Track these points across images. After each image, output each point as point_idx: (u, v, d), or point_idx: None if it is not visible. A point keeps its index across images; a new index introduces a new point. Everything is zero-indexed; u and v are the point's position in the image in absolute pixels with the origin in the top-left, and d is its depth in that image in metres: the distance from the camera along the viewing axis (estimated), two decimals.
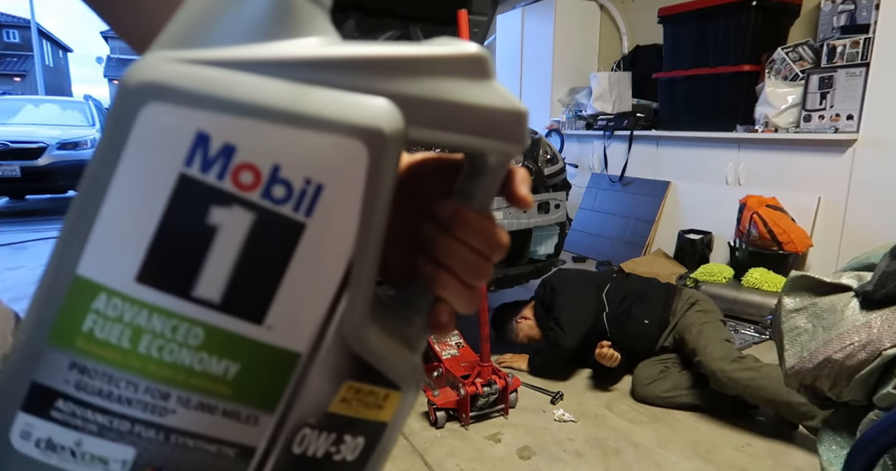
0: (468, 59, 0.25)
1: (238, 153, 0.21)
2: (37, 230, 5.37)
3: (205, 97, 0.21)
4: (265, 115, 0.21)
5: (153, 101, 0.21)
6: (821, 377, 1.29)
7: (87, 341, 0.23)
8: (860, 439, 0.99)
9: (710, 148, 3.71)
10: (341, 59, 0.23)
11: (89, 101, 7.50)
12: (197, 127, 0.21)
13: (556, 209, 2.57)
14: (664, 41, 4.02)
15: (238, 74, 0.21)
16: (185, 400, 0.24)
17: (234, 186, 0.22)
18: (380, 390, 0.27)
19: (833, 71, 3.02)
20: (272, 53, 0.22)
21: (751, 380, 1.85)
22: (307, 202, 0.22)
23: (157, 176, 0.21)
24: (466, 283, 0.28)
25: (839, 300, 1.31)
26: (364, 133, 0.22)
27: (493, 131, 0.25)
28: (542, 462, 1.81)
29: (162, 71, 0.21)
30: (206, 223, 0.22)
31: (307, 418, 0.25)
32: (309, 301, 0.24)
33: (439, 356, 2.20)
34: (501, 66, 5.73)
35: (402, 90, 0.23)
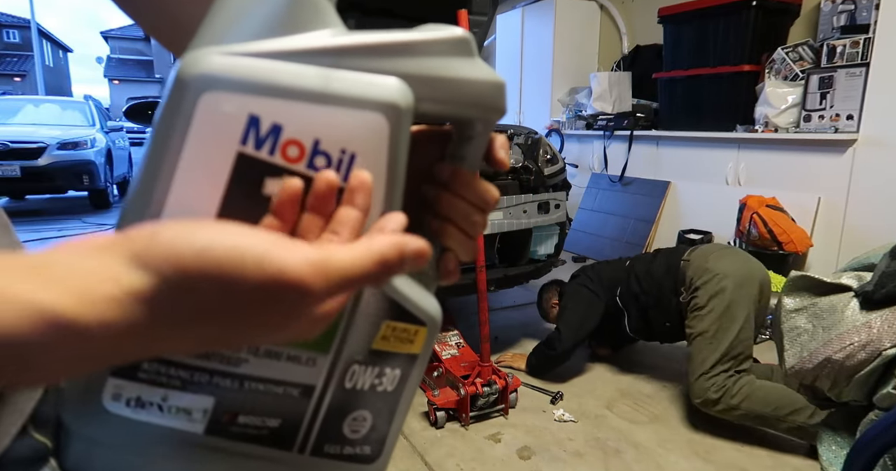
0: (457, 41, 0.29)
1: (284, 131, 0.25)
2: (37, 230, 5.36)
3: (253, 84, 0.24)
4: (303, 97, 0.25)
5: (210, 91, 0.24)
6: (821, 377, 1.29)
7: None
8: (860, 439, 1.00)
9: (710, 148, 3.71)
10: (357, 46, 0.27)
11: (89, 101, 7.50)
12: (249, 111, 0.25)
13: (556, 209, 2.57)
14: (664, 41, 4.02)
15: (276, 63, 0.25)
16: (255, 349, 0.28)
17: (283, 160, 0.25)
18: (410, 326, 0.31)
19: (833, 71, 3.02)
20: (299, 44, 0.26)
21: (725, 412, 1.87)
22: (344, 169, 0.26)
23: (218, 156, 0.25)
24: (467, 233, 0.33)
25: (839, 300, 1.31)
26: (384, 107, 0.26)
27: (479, 100, 0.30)
28: (542, 462, 1.81)
29: (213, 63, 0.24)
30: (262, 193, 0.25)
31: (356, 356, 0.30)
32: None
33: (439, 356, 2.20)
34: (501, 66, 5.73)
35: (407, 69, 0.27)
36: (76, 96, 12.11)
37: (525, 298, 3.44)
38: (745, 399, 1.80)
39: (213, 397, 0.28)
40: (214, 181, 0.25)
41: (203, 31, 0.26)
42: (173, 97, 0.24)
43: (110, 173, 6.84)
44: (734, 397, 1.81)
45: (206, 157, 0.25)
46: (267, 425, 0.29)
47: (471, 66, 0.29)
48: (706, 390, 1.85)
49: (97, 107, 7.56)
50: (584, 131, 4.71)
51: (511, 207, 2.39)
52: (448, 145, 0.34)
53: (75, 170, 6.04)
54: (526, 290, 3.46)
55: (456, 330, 2.38)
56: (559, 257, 2.78)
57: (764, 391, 1.80)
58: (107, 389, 0.27)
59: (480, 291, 2.05)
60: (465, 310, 3.00)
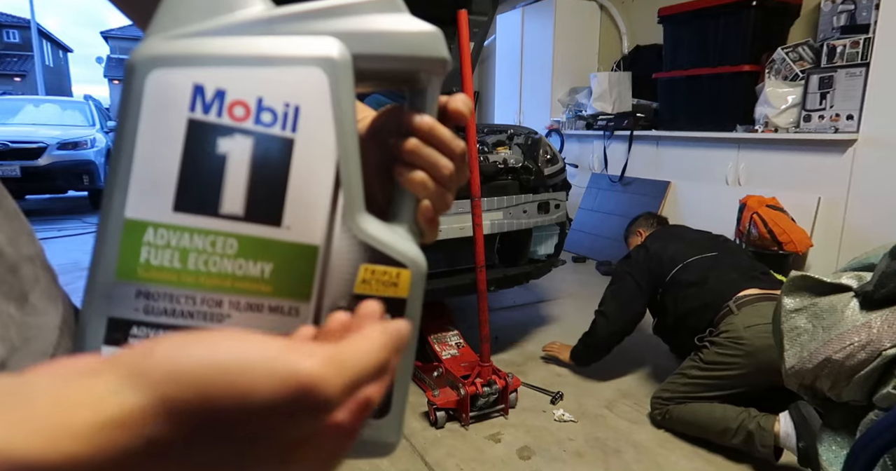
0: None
1: (228, 94, 0.27)
2: (37, 230, 5.32)
3: (193, 57, 0.27)
4: (242, 62, 0.28)
5: (156, 69, 0.27)
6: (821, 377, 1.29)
7: (146, 270, 0.28)
8: (860, 439, 0.99)
9: (710, 148, 3.71)
10: (287, 14, 0.29)
11: (89, 101, 7.50)
12: (193, 81, 0.27)
13: (556, 209, 2.57)
14: (664, 41, 4.02)
15: (214, 38, 0.28)
16: (236, 303, 0.29)
17: (231, 120, 0.28)
18: (392, 269, 0.31)
19: (833, 71, 3.02)
20: (234, 19, 0.29)
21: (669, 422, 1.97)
22: (291, 121, 0.28)
23: (171, 125, 0.27)
24: (436, 178, 0.34)
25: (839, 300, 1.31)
26: (320, 61, 0.28)
27: (416, 51, 0.31)
28: (542, 462, 1.81)
29: (157, 46, 0.27)
30: (217, 153, 0.28)
31: (339, 301, 0.30)
32: (314, 200, 0.29)
33: (439, 356, 2.20)
34: (501, 66, 5.73)
35: (340, 28, 0.30)
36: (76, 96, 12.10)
37: (525, 299, 3.44)
38: (677, 423, 1.94)
39: None
40: (171, 148, 0.27)
41: (152, 24, 0.29)
42: (126, 82, 0.27)
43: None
44: (670, 421, 1.95)
45: (161, 126, 0.27)
46: None
47: (401, 20, 0.31)
48: (654, 411, 2.01)
49: (97, 107, 7.56)
50: (584, 131, 4.71)
51: (511, 207, 2.39)
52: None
53: (75, 170, 6.03)
54: (526, 290, 3.46)
55: (456, 330, 2.38)
56: (559, 257, 2.78)
57: (688, 415, 1.90)
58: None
59: (480, 291, 2.05)
60: (465, 310, 3.00)
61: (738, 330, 1.83)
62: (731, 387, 1.86)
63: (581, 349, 2.32)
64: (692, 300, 2.01)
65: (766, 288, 1.95)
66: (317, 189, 0.29)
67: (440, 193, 0.34)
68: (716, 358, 1.86)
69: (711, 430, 1.84)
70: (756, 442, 1.74)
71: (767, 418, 1.75)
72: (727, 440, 1.81)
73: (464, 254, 2.24)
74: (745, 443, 1.77)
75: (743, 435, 1.77)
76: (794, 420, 1.68)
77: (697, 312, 1.99)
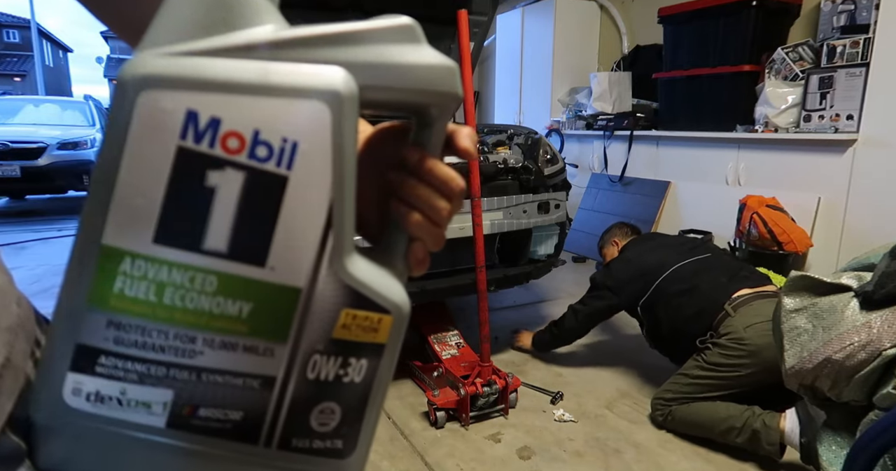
0: (401, 28, 0.29)
1: (223, 124, 0.25)
2: (37, 230, 5.36)
3: (189, 81, 0.25)
4: (240, 90, 0.25)
5: (147, 90, 0.25)
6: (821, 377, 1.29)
7: (120, 300, 0.26)
8: (860, 439, 0.99)
9: (710, 148, 3.71)
10: (296, 38, 0.27)
11: (89, 102, 7.49)
12: (186, 106, 0.25)
13: (556, 209, 2.57)
14: (664, 41, 4.02)
15: (213, 60, 0.26)
16: (210, 341, 0.27)
17: (223, 152, 0.26)
18: (373, 315, 0.30)
19: (833, 71, 3.02)
20: (238, 40, 0.26)
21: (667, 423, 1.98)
22: (287, 157, 0.26)
23: (158, 151, 0.25)
24: (432, 219, 0.33)
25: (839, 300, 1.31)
26: (324, 95, 0.26)
27: (430, 85, 0.30)
28: (542, 462, 1.81)
29: (151, 64, 0.25)
30: (205, 185, 0.26)
31: (316, 345, 0.29)
32: (301, 242, 0.28)
33: (439, 356, 2.20)
34: (501, 66, 5.73)
35: (351, 58, 0.28)
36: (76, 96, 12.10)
37: (525, 299, 3.44)
38: (679, 424, 1.93)
39: (171, 389, 0.28)
40: (157, 175, 0.25)
41: (147, 35, 0.27)
42: (116, 99, 0.25)
43: None
44: (672, 421, 1.94)
45: (148, 152, 0.25)
46: (230, 418, 0.29)
47: (417, 52, 0.29)
48: (655, 412, 2.00)
49: (97, 107, 7.55)
50: (584, 131, 4.71)
51: (511, 207, 2.39)
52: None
53: (75, 170, 6.03)
54: (526, 290, 3.46)
55: (456, 330, 2.38)
56: (559, 257, 2.78)
57: (692, 415, 1.89)
58: (66, 384, 0.27)
59: (480, 291, 2.05)
60: (465, 310, 3.00)
61: (738, 331, 1.83)
62: (735, 387, 1.86)
63: (547, 337, 2.48)
64: (686, 308, 2.00)
65: (756, 286, 1.97)
66: (306, 230, 0.28)
67: (435, 233, 0.34)
68: (719, 359, 1.86)
69: (716, 429, 1.84)
70: (762, 440, 1.73)
71: (772, 415, 1.75)
72: (731, 439, 1.80)
73: (464, 254, 2.24)
74: (750, 441, 1.77)
75: (748, 434, 1.76)
76: (800, 418, 1.68)
77: (693, 320, 1.98)
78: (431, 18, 2.73)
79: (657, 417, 1.99)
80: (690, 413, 1.90)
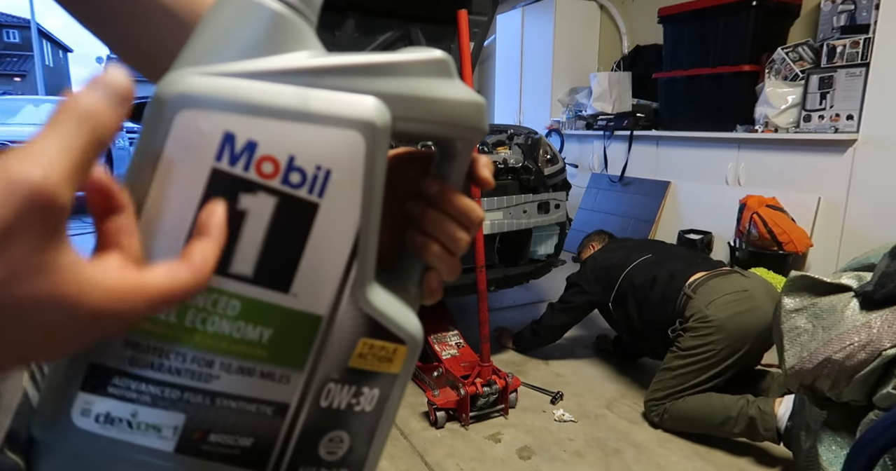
0: (435, 62, 0.30)
1: (259, 148, 0.25)
2: None
3: (228, 103, 0.25)
4: (279, 115, 0.25)
5: (186, 109, 0.25)
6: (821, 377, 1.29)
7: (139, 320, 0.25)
8: (860, 439, 1.00)
9: (710, 148, 3.71)
10: (334, 67, 0.27)
11: None
12: (224, 128, 0.25)
13: (556, 209, 2.57)
14: (664, 41, 4.02)
15: (252, 82, 0.26)
16: (227, 365, 0.27)
17: (257, 176, 0.25)
18: (389, 345, 0.31)
19: (833, 71, 3.02)
20: (277, 64, 0.26)
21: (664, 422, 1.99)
22: (319, 185, 0.26)
23: (193, 171, 0.25)
24: (450, 251, 0.33)
25: (839, 300, 1.31)
26: (360, 125, 0.26)
27: (459, 120, 0.30)
28: (542, 462, 1.81)
29: (191, 83, 0.25)
30: (236, 208, 0.26)
31: (331, 374, 0.29)
32: (326, 270, 0.28)
33: (439, 356, 2.20)
34: (501, 66, 5.73)
35: (385, 89, 0.28)
36: None
37: (525, 298, 3.44)
38: (675, 422, 1.94)
39: (183, 413, 0.27)
40: (189, 195, 0.25)
41: (184, 53, 0.27)
42: (151, 115, 0.25)
43: (110, 173, 6.84)
44: (668, 420, 1.95)
45: (181, 172, 0.25)
46: (239, 445, 0.29)
47: (449, 87, 0.30)
48: (650, 413, 2.01)
49: None
50: (584, 131, 4.71)
51: (511, 207, 2.39)
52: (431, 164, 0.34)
53: None
54: (526, 290, 3.46)
55: (456, 330, 2.38)
56: (559, 257, 2.78)
57: (686, 410, 1.90)
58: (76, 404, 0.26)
59: (480, 291, 2.05)
60: (465, 310, 3.00)
61: (701, 310, 1.90)
62: (717, 366, 1.87)
63: (528, 335, 2.52)
64: (651, 297, 2.08)
65: (710, 269, 2.05)
66: (332, 258, 0.28)
67: (452, 263, 0.34)
68: (692, 343, 1.90)
69: (712, 422, 1.84)
70: (759, 426, 1.74)
71: (766, 401, 1.77)
72: (729, 430, 1.81)
73: (464, 254, 2.24)
74: (747, 429, 1.78)
75: (745, 422, 1.77)
76: (794, 404, 1.69)
77: (659, 307, 2.05)
78: (431, 18, 2.73)
79: (653, 418, 1.99)
80: (684, 409, 1.90)
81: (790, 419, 1.67)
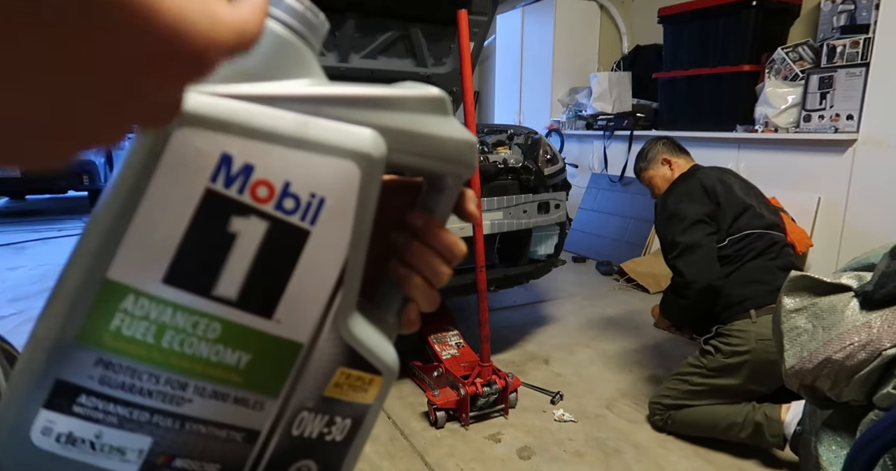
0: (432, 100, 0.30)
1: (256, 171, 0.25)
2: (37, 230, 5.36)
3: (228, 124, 0.25)
4: (278, 140, 0.25)
5: (185, 127, 0.24)
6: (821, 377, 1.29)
7: (115, 339, 0.25)
8: (860, 439, 0.99)
9: (710, 148, 3.71)
10: (335, 97, 0.27)
11: None
12: (222, 149, 0.25)
13: (556, 209, 2.57)
14: (664, 41, 4.02)
15: (253, 106, 0.25)
16: (201, 389, 0.27)
17: (252, 199, 0.25)
18: (366, 375, 0.31)
19: (833, 71, 3.02)
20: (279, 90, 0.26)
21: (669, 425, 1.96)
22: (312, 213, 0.26)
23: (186, 190, 0.25)
24: (431, 283, 0.33)
25: (839, 300, 1.31)
26: (357, 156, 0.27)
27: (451, 157, 0.31)
28: (542, 462, 1.81)
29: (192, 101, 0.24)
30: (227, 230, 0.25)
31: (306, 402, 0.29)
32: (311, 298, 0.27)
33: (439, 356, 2.20)
34: (501, 66, 5.73)
35: (382, 122, 0.28)
36: None
37: (525, 298, 3.44)
38: (679, 426, 1.93)
39: (150, 437, 0.26)
40: (179, 215, 0.25)
41: None
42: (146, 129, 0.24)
43: (110, 173, 6.83)
44: (672, 424, 1.94)
45: (173, 190, 0.24)
46: None
47: (444, 124, 0.30)
48: (653, 416, 1.99)
49: None
50: (584, 131, 4.71)
51: (511, 207, 2.39)
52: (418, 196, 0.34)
53: (75, 170, 6.03)
54: (526, 290, 3.46)
55: (456, 330, 2.38)
56: (559, 257, 2.78)
57: (692, 417, 1.89)
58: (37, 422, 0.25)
59: (480, 291, 2.05)
60: (465, 310, 3.00)
61: (749, 342, 1.78)
62: (733, 395, 1.85)
63: (673, 314, 2.03)
64: (740, 275, 1.85)
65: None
66: (318, 287, 0.27)
67: (432, 296, 0.34)
68: (718, 363, 1.85)
69: (717, 428, 1.84)
70: (765, 432, 1.74)
71: (772, 407, 1.76)
72: (735, 435, 1.80)
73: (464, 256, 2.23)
74: (753, 435, 1.77)
75: (750, 427, 1.77)
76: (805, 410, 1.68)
77: (728, 292, 1.84)
78: (431, 19, 2.73)
79: (656, 421, 1.99)
80: (690, 416, 1.90)
81: (800, 424, 1.66)
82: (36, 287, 3.55)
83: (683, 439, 1.93)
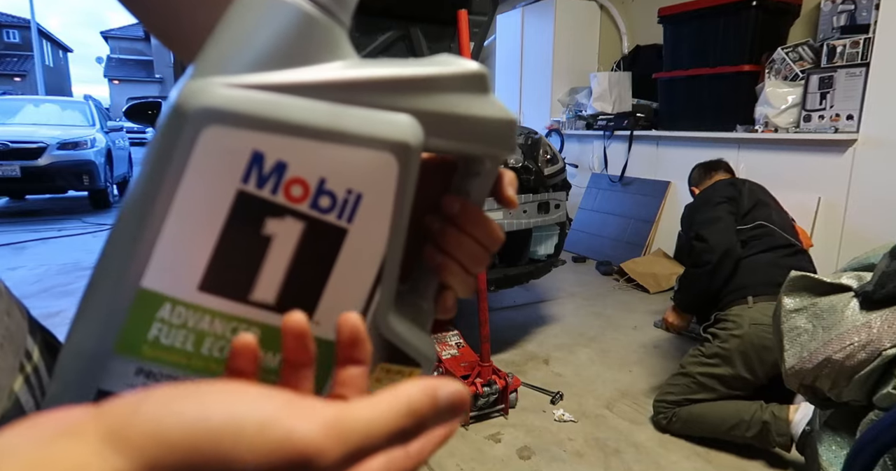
0: (472, 77, 0.28)
1: (289, 169, 0.24)
2: (37, 230, 5.36)
3: (259, 120, 0.23)
4: (311, 134, 0.24)
5: (212, 125, 0.22)
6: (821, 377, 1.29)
7: (153, 348, 0.24)
8: (860, 439, 0.99)
9: (710, 148, 3.71)
10: (370, 81, 0.25)
11: (89, 101, 7.50)
12: (253, 147, 0.23)
13: (556, 209, 2.57)
14: (664, 41, 4.02)
15: (283, 97, 0.23)
16: None
17: (286, 199, 0.24)
18: (405, 368, 0.30)
19: (833, 71, 3.02)
20: (309, 77, 0.24)
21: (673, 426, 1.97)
22: (349, 210, 0.25)
23: (217, 193, 0.23)
24: (469, 270, 0.31)
25: (839, 300, 1.31)
26: (395, 147, 0.25)
27: (490, 139, 0.29)
28: (542, 462, 1.81)
29: (217, 96, 0.23)
30: (261, 233, 0.24)
31: None
32: (350, 297, 0.26)
33: (439, 356, 2.20)
34: (501, 66, 5.73)
35: (420, 106, 0.26)
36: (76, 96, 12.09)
37: (525, 298, 3.44)
38: (684, 425, 1.92)
39: None
40: (211, 220, 0.23)
41: (206, 54, 0.24)
42: (171, 128, 0.23)
43: (110, 173, 6.84)
44: (676, 424, 1.93)
45: (204, 194, 0.23)
46: None
47: (484, 103, 0.28)
48: (658, 415, 1.99)
49: (97, 107, 7.56)
50: (584, 131, 4.71)
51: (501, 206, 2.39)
52: (453, 177, 0.32)
53: (75, 170, 6.03)
54: (526, 290, 3.46)
55: (456, 330, 2.38)
56: (559, 257, 2.78)
57: (697, 414, 1.89)
58: None
59: (480, 291, 2.05)
60: (465, 310, 3.00)
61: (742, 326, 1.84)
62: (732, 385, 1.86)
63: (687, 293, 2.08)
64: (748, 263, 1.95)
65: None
66: (356, 286, 0.26)
67: (469, 283, 0.32)
68: (716, 350, 1.88)
69: (723, 426, 1.83)
70: (772, 431, 1.73)
71: (780, 407, 1.76)
72: (741, 434, 1.80)
73: None
74: (759, 434, 1.77)
75: (757, 426, 1.76)
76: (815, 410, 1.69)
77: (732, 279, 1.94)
78: (431, 19, 2.73)
79: (661, 420, 1.97)
80: (696, 413, 1.89)
81: (809, 424, 1.66)
82: (36, 287, 3.55)
83: (684, 438, 1.93)
